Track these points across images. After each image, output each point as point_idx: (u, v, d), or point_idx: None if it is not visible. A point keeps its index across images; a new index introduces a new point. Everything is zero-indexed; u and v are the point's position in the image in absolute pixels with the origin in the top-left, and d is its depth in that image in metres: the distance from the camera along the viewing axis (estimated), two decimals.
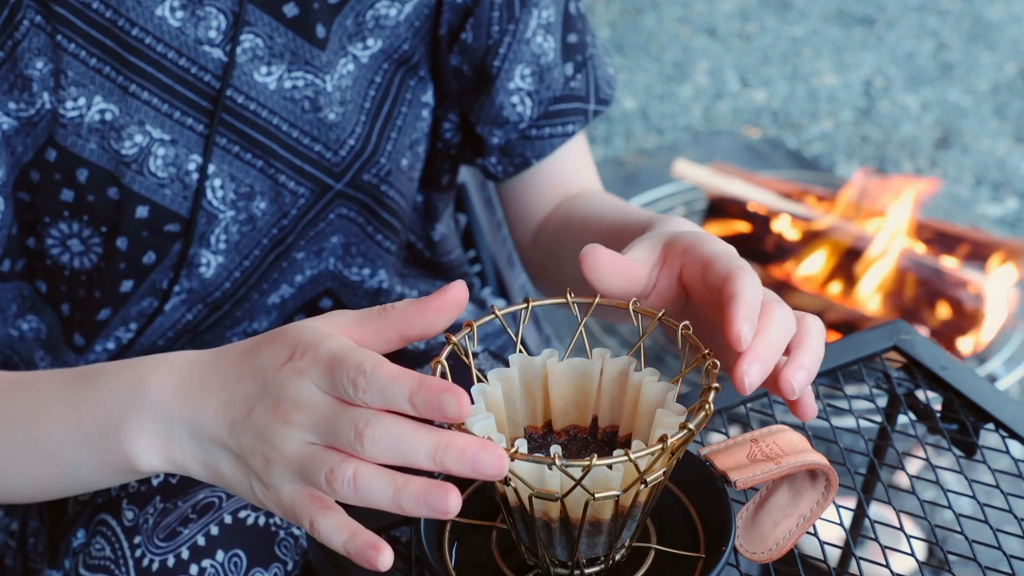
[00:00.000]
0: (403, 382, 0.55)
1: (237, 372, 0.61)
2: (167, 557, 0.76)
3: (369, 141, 0.94)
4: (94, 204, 0.88)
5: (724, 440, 0.69)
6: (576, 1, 1.00)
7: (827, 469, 0.68)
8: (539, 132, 0.99)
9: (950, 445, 0.83)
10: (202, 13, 0.86)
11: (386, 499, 0.55)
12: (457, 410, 0.54)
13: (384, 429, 0.55)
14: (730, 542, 0.63)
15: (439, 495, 0.54)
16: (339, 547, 0.57)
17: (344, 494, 0.56)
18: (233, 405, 0.60)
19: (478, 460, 0.54)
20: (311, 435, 0.57)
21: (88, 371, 0.68)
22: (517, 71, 0.96)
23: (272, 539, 0.78)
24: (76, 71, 0.84)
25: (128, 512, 0.79)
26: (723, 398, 0.83)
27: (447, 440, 0.54)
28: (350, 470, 0.55)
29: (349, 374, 0.56)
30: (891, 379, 0.87)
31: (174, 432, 0.63)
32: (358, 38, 0.92)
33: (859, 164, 2.93)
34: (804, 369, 0.62)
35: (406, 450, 0.55)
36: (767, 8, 3.73)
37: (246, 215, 0.92)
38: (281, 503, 0.59)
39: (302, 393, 0.57)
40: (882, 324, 0.91)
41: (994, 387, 0.85)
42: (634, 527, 0.62)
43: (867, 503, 0.90)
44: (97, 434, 0.65)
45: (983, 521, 0.77)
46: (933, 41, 3.56)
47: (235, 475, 0.61)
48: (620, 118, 3.15)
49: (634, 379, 0.63)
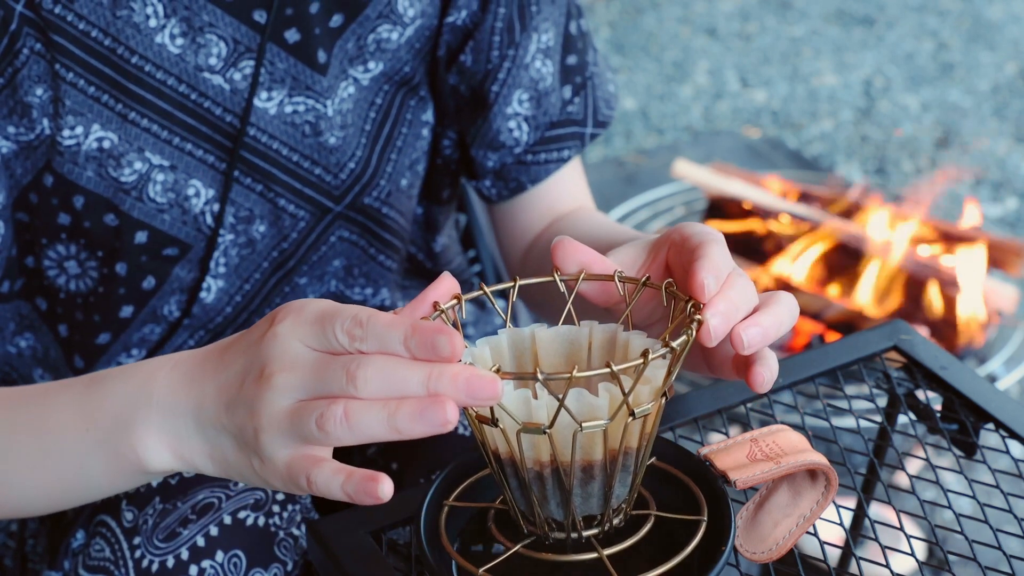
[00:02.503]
0: (398, 327, 0.56)
1: (231, 353, 0.62)
2: (167, 558, 0.76)
3: (369, 164, 0.94)
4: (91, 230, 0.88)
5: (724, 440, 0.69)
6: (578, 19, 0.99)
7: (827, 469, 0.68)
8: (535, 157, 0.99)
9: (950, 445, 0.83)
10: (202, 40, 0.86)
11: (381, 426, 0.55)
12: (451, 349, 0.55)
13: (375, 368, 0.55)
14: (730, 542, 0.63)
15: (436, 408, 0.55)
16: (338, 493, 0.57)
17: (338, 434, 0.56)
18: (229, 385, 0.61)
19: (472, 384, 0.55)
20: (298, 392, 0.57)
21: (95, 377, 0.68)
22: (515, 96, 0.96)
23: (272, 539, 0.78)
24: (74, 100, 0.84)
25: (127, 513, 0.79)
26: (723, 398, 0.83)
27: (439, 369, 0.55)
28: (339, 409, 0.55)
29: (344, 326, 0.57)
30: (891, 379, 0.87)
31: (180, 426, 0.63)
32: (359, 61, 0.92)
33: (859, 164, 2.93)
34: (759, 327, 0.62)
35: (398, 382, 0.55)
36: (767, 8, 3.73)
37: (245, 238, 0.92)
38: (279, 471, 0.59)
39: (287, 353, 0.58)
40: (882, 324, 0.91)
41: (994, 387, 0.85)
42: (628, 481, 0.61)
43: (867, 503, 0.90)
44: (106, 438, 0.65)
45: (983, 521, 0.77)
46: (933, 41, 3.56)
47: (237, 458, 0.61)
48: (620, 118, 3.15)
49: (621, 339, 0.63)
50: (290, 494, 0.80)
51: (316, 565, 0.73)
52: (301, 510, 0.80)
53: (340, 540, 0.70)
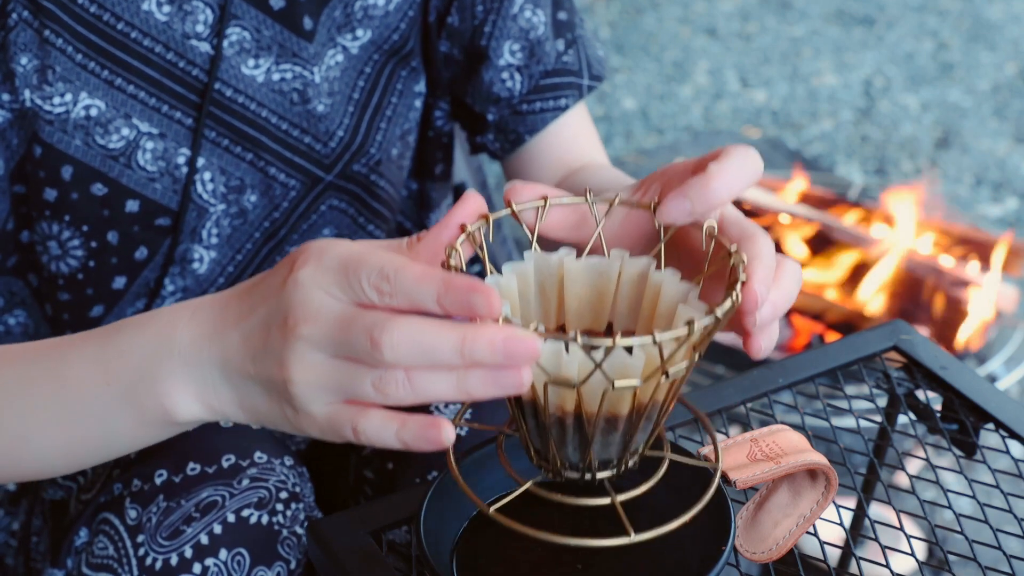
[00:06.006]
0: (429, 282, 0.53)
1: (252, 299, 0.60)
2: (170, 556, 0.76)
3: (358, 132, 0.95)
4: (77, 202, 0.87)
5: (724, 440, 0.69)
6: None
7: (827, 469, 0.68)
8: (530, 107, 0.99)
9: (950, 445, 0.83)
10: (189, 7, 0.87)
11: (450, 388, 0.53)
12: (488, 307, 0.52)
13: (401, 332, 0.53)
14: (730, 542, 0.63)
15: (510, 374, 0.52)
16: (392, 441, 0.55)
17: (400, 396, 0.54)
18: (253, 334, 0.59)
19: (509, 346, 0.52)
20: (325, 347, 0.55)
21: (110, 329, 0.66)
22: (506, 47, 0.96)
23: (275, 538, 0.78)
24: (64, 67, 0.84)
25: (131, 511, 0.79)
26: (723, 398, 0.84)
27: (472, 333, 0.52)
28: (400, 373, 0.53)
29: (371, 279, 0.54)
30: (891, 379, 0.87)
31: (207, 376, 0.61)
32: (347, 29, 0.93)
33: (859, 164, 2.93)
34: (771, 305, 0.61)
35: (429, 349, 0.53)
36: (767, 8, 3.74)
37: (237, 208, 0.92)
38: (317, 423, 0.57)
39: (310, 302, 0.55)
40: (882, 324, 0.91)
41: (994, 387, 0.85)
42: (649, 430, 0.59)
43: (867, 503, 0.90)
44: (130, 390, 0.63)
45: (983, 521, 0.77)
46: (933, 41, 3.56)
47: (269, 408, 0.59)
48: (620, 118, 3.15)
49: (654, 279, 0.61)
50: (294, 492, 0.80)
51: (316, 565, 0.73)
52: (304, 508, 0.81)
53: (340, 540, 0.70)
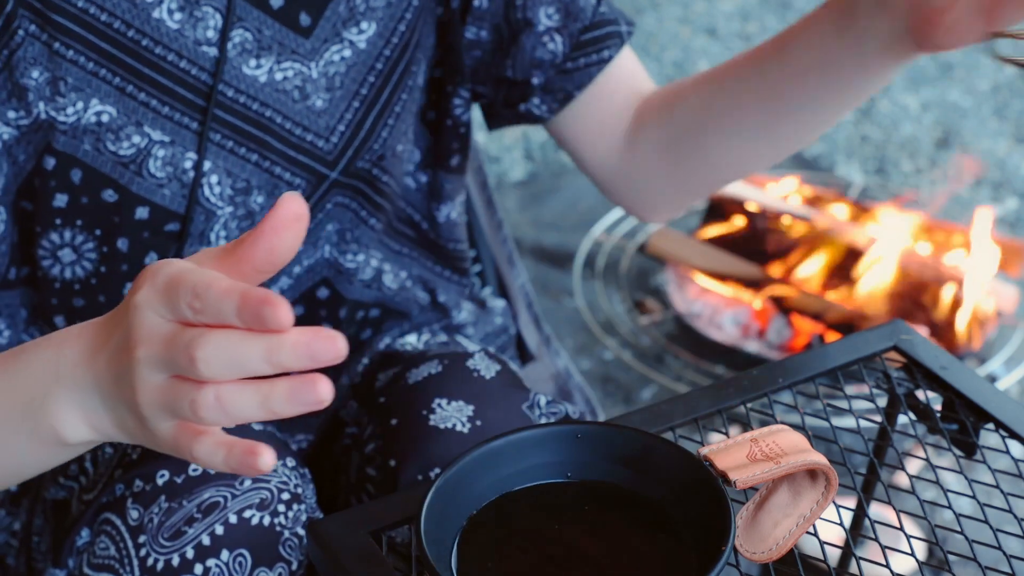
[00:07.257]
0: (230, 298, 0.54)
1: (112, 323, 0.62)
2: (172, 556, 0.76)
3: (361, 128, 0.95)
4: (88, 206, 0.88)
5: (724, 440, 0.69)
6: None
7: (827, 469, 0.68)
8: (575, 64, 0.99)
9: (950, 445, 0.83)
10: (200, 13, 0.87)
11: (255, 409, 0.55)
12: (278, 320, 0.53)
13: (213, 348, 0.54)
14: (730, 542, 0.63)
15: (307, 388, 0.54)
16: (221, 466, 0.57)
17: (214, 418, 0.55)
18: (113, 358, 0.61)
19: (313, 348, 0.54)
20: (157, 368, 0.57)
21: (17, 351, 0.69)
22: (541, 12, 0.97)
23: (277, 539, 0.78)
24: (76, 77, 0.85)
25: (133, 511, 0.79)
26: (723, 398, 0.84)
27: (277, 342, 0.54)
28: (211, 394, 0.55)
29: (186, 298, 0.56)
30: (891, 379, 0.88)
31: (87, 399, 0.64)
32: (352, 23, 0.93)
33: (859, 164, 2.93)
34: None
35: (240, 360, 0.54)
36: (767, 8, 3.74)
37: (244, 210, 0.93)
38: (166, 443, 0.59)
39: (143, 325, 0.57)
40: (882, 324, 0.91)
41: (994, 387, 0.85)
42: None
43: (867, 503, 0.90)
44: (27, 413, 0.66)
45: (983, 521, 0.77)
46: None
47: (136, 427, 0.61)
48: None
49: None
50: (295, 493, 0.80)
51: (316, 564, 0.73)
52: (306, 509, 0.81)
53: (340, 540, 0.71)
